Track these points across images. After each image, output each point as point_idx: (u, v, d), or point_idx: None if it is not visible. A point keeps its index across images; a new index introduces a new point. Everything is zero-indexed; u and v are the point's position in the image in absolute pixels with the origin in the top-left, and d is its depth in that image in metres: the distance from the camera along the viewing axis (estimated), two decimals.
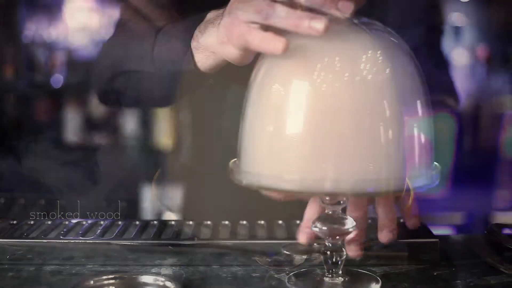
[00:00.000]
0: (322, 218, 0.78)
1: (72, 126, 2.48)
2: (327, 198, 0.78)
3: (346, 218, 0.78)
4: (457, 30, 2.65)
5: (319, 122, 0.70)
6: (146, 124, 2.51)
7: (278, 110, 0.72)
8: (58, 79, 2.59)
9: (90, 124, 2.49)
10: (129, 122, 2.48)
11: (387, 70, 0.71)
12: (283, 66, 0.72)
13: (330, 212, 0.78)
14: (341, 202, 0.78)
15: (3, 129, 2.51)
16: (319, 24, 0.69)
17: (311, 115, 0.70)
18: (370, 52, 0.71)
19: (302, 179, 0.71)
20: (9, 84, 2.53)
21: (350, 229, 0.78)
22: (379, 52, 0.71)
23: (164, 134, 2.47)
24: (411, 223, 0.86)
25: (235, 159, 0.79)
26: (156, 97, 1.05)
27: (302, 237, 0.84)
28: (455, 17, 2.66)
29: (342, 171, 0.70)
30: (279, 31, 0.72)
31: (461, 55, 2.62)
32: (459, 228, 2.36)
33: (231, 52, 0.80)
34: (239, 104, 0.78)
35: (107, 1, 2.76)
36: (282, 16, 0.72)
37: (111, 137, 2.50)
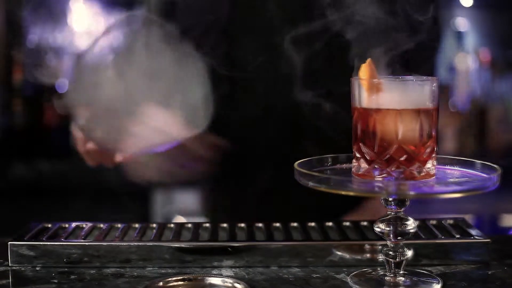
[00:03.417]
0: (384, 219, 0.80)
1: None
2: (390, 199, 0.79)
3: (408, 219, 0.80)
4: (460, 35, 2.68)
5: None
6: None
7: None
8: (63, 84, 2.59)
9: None
10: None
11: None
12: None
13: (392, 214, 0.80)
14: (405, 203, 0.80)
15: (12, 133, 2.51)
16: None
17: None
18: None
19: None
20: (17, 89, 2.52)
21: (412, 230, 0.80)
22: None
23: None
24: None
25: (300, 160, 0.80)
26: None
27: None
28: (458, 22, 2.69)
29: None
30: None
31: (464, 60, 2.65)
32: None
33: None
34: None
35: (113, 5, 2.76)
36: None
37: None
